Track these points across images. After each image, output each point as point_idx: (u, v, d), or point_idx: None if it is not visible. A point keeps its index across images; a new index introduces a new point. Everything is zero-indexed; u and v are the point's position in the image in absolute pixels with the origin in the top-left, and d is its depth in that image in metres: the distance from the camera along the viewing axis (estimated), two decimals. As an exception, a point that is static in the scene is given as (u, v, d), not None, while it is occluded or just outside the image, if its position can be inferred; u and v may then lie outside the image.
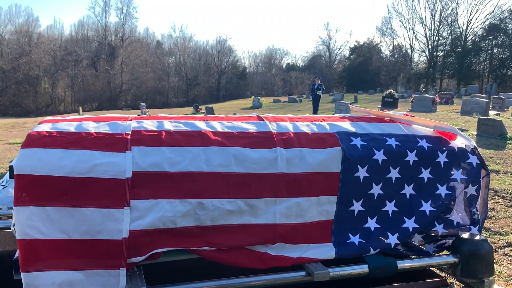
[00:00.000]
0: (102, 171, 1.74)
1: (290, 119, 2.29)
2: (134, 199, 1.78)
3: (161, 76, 55.86)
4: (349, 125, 2.29)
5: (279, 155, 2.00)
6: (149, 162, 1.83)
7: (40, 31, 54.81)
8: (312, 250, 2.03)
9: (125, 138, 1.87)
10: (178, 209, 1.83)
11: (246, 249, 1.94)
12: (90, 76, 51.35)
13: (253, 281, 1.88)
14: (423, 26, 51.58)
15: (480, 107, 15.93)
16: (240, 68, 61.70)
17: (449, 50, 50.66)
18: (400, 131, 2.32)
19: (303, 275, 1.95)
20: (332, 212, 2.10)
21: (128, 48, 55.09)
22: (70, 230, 1.68)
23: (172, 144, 1.91)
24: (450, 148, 2.27)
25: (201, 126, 2.05)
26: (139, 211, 1.78)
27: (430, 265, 2.24)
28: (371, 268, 2.01)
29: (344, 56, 61.53)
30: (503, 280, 3.43)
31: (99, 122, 2.00)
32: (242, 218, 1.94)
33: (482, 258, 2.11)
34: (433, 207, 2.20)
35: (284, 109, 26.47)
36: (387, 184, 2.16)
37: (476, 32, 48.92)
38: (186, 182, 1.86)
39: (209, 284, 1.81)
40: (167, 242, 1.82)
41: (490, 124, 10.70)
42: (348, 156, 2.09)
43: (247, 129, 2.09)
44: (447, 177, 2.25)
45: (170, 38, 63.18)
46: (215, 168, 1.90)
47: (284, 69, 63.90)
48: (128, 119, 2.09)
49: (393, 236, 2.12)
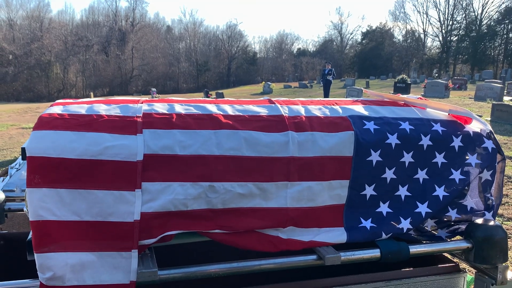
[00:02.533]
0: (114, 154, 1.74)
1: (302, 102, 2.27)
2: (145, 181, 1.78)
3: (172, 62, 55.86)
4: (362, 109, 2.26)
5: (291, 139, 1.99)
6: (160, 145, 1.83)
7: (51, 17, 54.94)
8: (323, 234, 2.03)
9: (137, 120, 1.87)
10: (190, 192, 1.84)
11: (257, 232, 1.95)
12: (101, 61, 51.53)
13: (264, 264, 1.88)
14: (437, 10, 50.89)
15: (495, 92, 15.69)
16: (251, 54, 61.39)
17: (463, 35, 49.78)
18: (414, 114, 2.28)
19: (314, 258, 1.94)
20: (344, 197, 2.08)
21: (139, 33, 55.07)
22: (82, 212, 1.69)
23: (183, 127, 1.91)
24: (465, 133, 2.23)
25: (212, 110, 2.04)
26: (151, 194, 1.79)
27: (443, 250, 2.22)
28: (383, 252, 1.99)
29: (356, 41, 60.87)
30: (515, 267, 3.40)
31: (110, 104, 2.00)
32: (253, 202, 1.94)
33: (496, 244, 2.09)
34: (446, 192, 2.17)
35: (294, 95, 26.36)
36: (400, 168, 2.14)
37: (492, 16, 47.98)
38: (197, 165, 1.86)
39: (220, 266, 1.82)
40: (178, 225, 1.83)
41: (504, 110, 10.53)
42: (361, 140, 2.07)
43: (259, 113, 2.07)
44: (461, 162, 2.22)
45: (180, 23, 62.99)
46: (226, 151, 1.90)
47: (295, 54, 63.39)
48: (139, 101, 2.09)
49: (406, 221, 2.11)
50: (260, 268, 1.88)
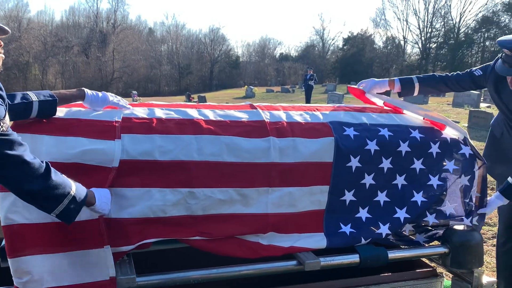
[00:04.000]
0: (90, 159, 1.72)
1: (284, 108, 2.28)
2: (124, 187, 1.76)
3: (153, 64, 55.37)
4: (342, 115, 2.28)
5: (272, 145, 1.99)
6: (139, 150, 1.81)
7: (30, 17, 53.85)
8: (303, 239, 2.03)
9: (115, 125, 1.84)
10: (168, 198, 1.82)
11: (237, 238, 1.94)
12: (81, 63, 50.74)
13: (244, 270, 1.88)
14: (417, 18, 51.52)
15: (472, 99, 16.02)
16: (233, 57, 61.33)
17: (441, 42, 50.76)
18: (393, 121, 2.31)
19: (294, 264, 1.95)
20: (324, 202, 2.10)
21: (120, 35, 54.44)
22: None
23: (163, 132, 1.89)
24: (442, 139, 2.28)
25: (193, 114, 2.03)
26: (129, 200, 1.77)
27: (421, 255, 2.26)
28: (362, 258, 2.01)
29: (337, 47, 61.33)
30: (491, 271, 3.47)
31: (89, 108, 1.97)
32: (234, 208, 1.93)
33: (472, 249, 2.13)
34: (425, 197, 2.20)
35: (277, 99, 26.42)
36: (379, 174, 2.17)
37: (469, 24, 49.00)
38: (177, 171, 1.84)
39: (199, 273, 1.81)
40: (157, 232, 1.81)
41: (481, 116, 10.77)
42: (341, 146, 2.09)
43: (240, 118, 2.07)
44: (439, 168, 2.26)
45: (162, 26, 62.53)
46: (207, 157, 1.88)
47: (278, 59, 63.58)
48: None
49: (384, 226, 2.13)
50: (240, 274, 1.88)
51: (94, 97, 1.92)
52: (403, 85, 2.58)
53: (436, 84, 2.67)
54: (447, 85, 2.68)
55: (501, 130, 2.70)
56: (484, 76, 2.57)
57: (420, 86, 2.60)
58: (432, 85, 2.67)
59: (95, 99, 1.92)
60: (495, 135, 2.76)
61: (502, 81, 2.46)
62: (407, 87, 2.60)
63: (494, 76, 2.49)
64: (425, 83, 2.64)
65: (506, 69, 2.27)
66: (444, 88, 2.71)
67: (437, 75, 2.72)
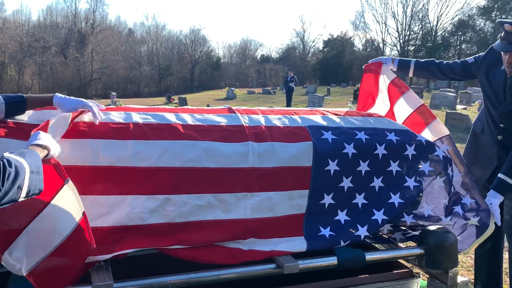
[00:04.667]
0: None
1: (262, 112, 2.29)
2: (100, 194, 1.73)
3: (133, 65, 54.79)
4: (320, 119, 2.30)
5: (251, 149, 1.99)
6: (116, 156, 1.78)
7: (6, 16, 52.63)
8: (284, 243, 2.04)
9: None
10: (146, 205, 1.79)
11: (217, 245, 1.93)
12: (59, 63, 49.83)
13: (223, 274, 1.87)
14: (395, 21, 52.18)
15: (449, 101, 16.36)
16: (214, 59, 61.16)
17: (419, 45, 51.64)
18: (369, 124, 2.35)
19: (273, 267, 1.95)
20: (303, 206, 2.11)
21: (99, 35, 53.69)
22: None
23: (140, 137, 1.86)
24: (417, 142, 2.32)
25: (171, 119, 2.00)
26: (105, 207, 1.74)
27: (398, 257, 2.29)
28: (340, 260, 2.03)
29: (317, 49, 61.83)
30: (466, 270, 3.55)
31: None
32: (213, 214, 1.92)
33: (447, 250, 2.17)
34: (401, 199, 2.24)
35: (258, 101, 26.48)
36: (357, 177, 2.20)
37: (446, 27, 50.01)
38: (154, 178, 1.82)
39: (177, 278, 1.79)
40: (136, 242, 1.78)
41: (457, 118, 11.03)
42: (319, 151, 2.10)
43: (219, 122, 2.06)
44: (415, 170, 2.30)
45: (142, 27, 61.95)
46: (185, 163, 1.87)
47: (259, 60, 63.73)
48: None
49: (363, 228, 2.16)
50: (219, 278, 1.87)
51: (63, 99, 1.84)
52: (400, 66, 2.83)
53: (431, 67, 2.86)
54: (440, 69, 2.84)
55: (482, 126, 2.76)
56: (475, 64, 2.68)
57: (415, 69, 2.84)
58: (427, 68, 2.86)
59: (63, 101, 1.83)
60: (476, 132, 2.82)
61: (493, 68, 2.54)
62: (402, 69, 2.85)
63: (486, 64, 2.59)
64: (421, 66, 2.86)
65: (504, 46, 2.33)
66: (437, 72, 2.87)
67: (437, 61, 2.88)
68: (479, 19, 47.08)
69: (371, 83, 2.82)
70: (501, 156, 2.62)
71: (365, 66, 2.88)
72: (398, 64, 2.83)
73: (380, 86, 2.77)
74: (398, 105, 2.69)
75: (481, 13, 46.16)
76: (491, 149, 2.67)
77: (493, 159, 2.66)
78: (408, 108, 2.65)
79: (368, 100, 2.86)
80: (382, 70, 2.76)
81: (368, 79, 2.84)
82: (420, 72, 2.89)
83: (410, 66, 2.84)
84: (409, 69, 2.85)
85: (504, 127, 2.56)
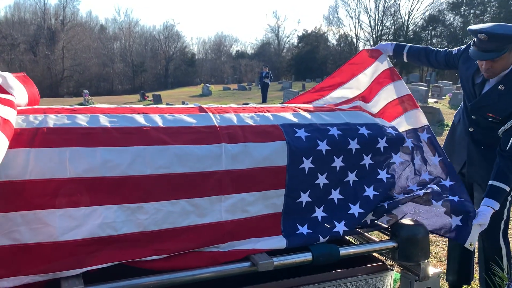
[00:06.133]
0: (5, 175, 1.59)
1: (234, 110, 2.26)
2: (69, 207, 1.68)
3: (106, 62, 53.83)
4: (292, 116, 2.30)
5: (224, 152, 1.96)
6: (84, 167, 1.70)
7: (-29, 13, 50.96)
8: (262, 242, 2.03)
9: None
10: (118, 215, 1.74)
11: (196, 251, 1.89)
12: (28, 61, 48.47)
13: (197, 274, 1.85)
14: (368, 16, 53.23)
15: (420, 95, 16.65)
16: (189, 55, 60.69)
17: (392, 40, 52.41)
18: (340, 119, 2.37)
19: (247, 265, 1.95)
20: (280, 205, 2.10)
21: (70, 32, 52.49)
22: None
23: (109, 144, 1.78)
24: (388, 134, 2.35)
25: (140, 121, 1.93)
26: (77, 220, 1.68)
27: (371, 251, 2.32)
28: (314, 256, 2.04)
29: (292, 44, 62.05)
30: (438, 261, 3.63)
31: (21, 115, 1.80)
32: (188, 220, 1.88)
33: (418, 243, 2.21)
34: (376, 191, 2.26)
35: (234, 97, 26.40)
36: (332, 173, 2.20)
37: (417, 22, 51.01)
38: (124, 187, 1.76)
39: (152, 279, 1.76)
40: (110, 255, 1.73)
41: (429, 111, 11.22)
42: (293, 149, 2.10)
43: (190, 124, 2.01)
44: (387, 162, 2.34)
45: (114, 23, 60.84)
46: (156, 170, 1.81)
47: (234, 56, 63.57)
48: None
49: (340, 223, 2.16)
50: (194, 278, 1.85)
51: None
52: (395, 52, 2.94)
53: (420, 56, 2.94)
54: (428, 58, 2.91)
55: (459, 117, 2.82)
56: (456, 56, 2.74)
57: (407, 55, 2.94)
58: (417, 56, 2.95)
59: None
60: (454, 123, 2.89)
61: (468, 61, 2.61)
62: (397, 55, 2.96)
63: (464, 57, 2.65)
64: (412, 53, 2.94)
65: (480, 54, 2.36)
66: (425, 60, 2.96)
67: (428, 49, 2.94)
68: (448, 13, 48.22)
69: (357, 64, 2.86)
70: (470, 149, 2.67)
71: (365, 50, 2.91)
72: (394, 49, 2.92)
73: (367, 69, 2.81)
74: (385, 90, 2.77)
75: (450, 8, 47.24)
76: (463, 141, 2.73)
77: (464, 152, 2.72)
78: (393, 95, 2.74)
79: (349, 72, 2.87)
80: (380, 58, 2.83)
81: (358, 59, 2.88)
82: (411, 59, 2.98)
83: (404, 52, 2.94)
84: (403, 55, 2.94)
85: (476, 119, 2.60)
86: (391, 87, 2.75)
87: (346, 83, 2.83)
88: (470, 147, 2.67)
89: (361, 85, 2.81)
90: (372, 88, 2.79)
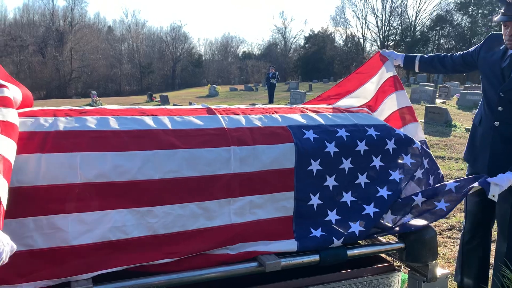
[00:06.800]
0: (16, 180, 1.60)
1: (242, 111, 2.26)
2: (80, 212, 1.69)
3: (113, 63, 54.07)
4: (301, 117, 2.29)
5: (233, 155, 1.97)
6: (94, 172, 1.72)
7: (-20, 15, 51.46)
8: (273, 244, 2.02)
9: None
10: (128, 218, 1.76)
11: (206, 254, 1.90)
12: (37, 62, 48.85)
13: (205, 274, 1.87)
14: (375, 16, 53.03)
15: (428, 95, 16.55)
16: (196, 56, 60.79)
17: (399, 40, 52.24)
18: (349, 121, 2.36)
19: (255, 265, 1.96)
20: (290, 209, 2.09)
21: (78, 33, 52.81)
22: None
23: (119, 148, 1.79)
24: (397, 135, 2.35)
25: (150, 124, 1.94)
26: (88, 224, 1.70)
27: (379, 252, 2.32)
28: (321, 256, 2.04)
29: (299, 45, 61.96)
30: (446, 262, 3.60)
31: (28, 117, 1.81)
32: (198, 223, 1.90)
33: (426, 244, 2.21)
34: (390, 191, 2.25)
35: (240, 98, 26.41)
36: (341, 175, 2.19)
37: (424, 23, 50.71)
38: (134, 191, 1.78)
39: (160, 278, 1.78)
40: (120, 259, 1.74)
41: (436, 112, 11.15)
42: (301, 151, 2.09)
43: (199, 126, 2.02)
44: (398, 163, 2.33)
45: (122, 24, 61.15)
46: (166, 174, 1.83)
47: (241, 57, 63.58)
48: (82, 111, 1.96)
49: (355, 224, 2.15)
50: (201, 278, 1.86)
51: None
52: (406, 62, 2.96)
53: (433, 62, 2.93)
54: (443, 63, 2.89)
55: (480, 117, 2.69)
56: (475, 52, 2.70)
57: (420, 64, 2.94)
58: (430, 64, 2.95)
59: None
60: (475, 125, 2.76)
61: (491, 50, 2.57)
62: (408, 65, 2.97)
63: (484, 48, 2.62)
64: (425, 61, 2.94)
65: (505, 17, 2.34)
66: (439, 66, 2.93)
67: (441, 55, 2.95)
68: (456, 13, 47.89)
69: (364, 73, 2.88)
70: (495, 143, 2.51)
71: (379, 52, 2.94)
72: (404, 59, 2.94)
73: (374, 77, 2.83)
74: (389, 99, 2.79)
75: (458, 8, 46.91)
76: (487, 139, 2.58)
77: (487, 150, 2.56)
78: (395, 105, 2.76)
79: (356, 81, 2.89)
80: (386, 64, 2.85)
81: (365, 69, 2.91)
82: (424, 66, 2.98)
83: (416, 62, 2.95)
84: (415, 64, 2.95)
85: (503, 110, 2.48)
86: (394, 96, 2.77)
87: (353, 92, 2.85)
88: (495, 141, 2.49)
89: (368, 94, 2.83)
90: (378, 97, 2.81)
